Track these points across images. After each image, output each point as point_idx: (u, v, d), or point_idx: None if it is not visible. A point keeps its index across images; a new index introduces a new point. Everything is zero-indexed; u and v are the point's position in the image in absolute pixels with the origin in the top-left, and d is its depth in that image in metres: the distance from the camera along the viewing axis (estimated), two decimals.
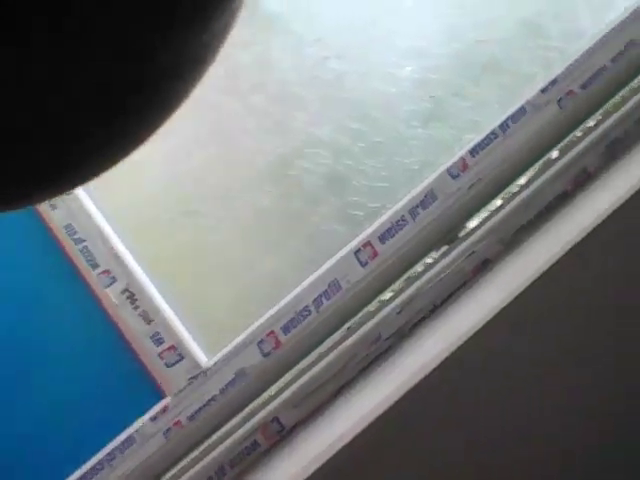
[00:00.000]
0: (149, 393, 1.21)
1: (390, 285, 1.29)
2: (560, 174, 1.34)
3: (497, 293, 1.23)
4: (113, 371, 1.24)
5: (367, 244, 1.30)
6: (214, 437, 1.19)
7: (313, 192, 1.43)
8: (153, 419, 1.19)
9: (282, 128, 1.48)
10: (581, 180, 1.34)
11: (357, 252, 1.30)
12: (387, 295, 1.28)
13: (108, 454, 1.19)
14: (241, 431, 1.18)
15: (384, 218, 1.33)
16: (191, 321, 1.27)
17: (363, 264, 1.29)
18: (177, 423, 1.19)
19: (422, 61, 1.48)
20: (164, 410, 1.20)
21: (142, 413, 1.20)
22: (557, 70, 1.40)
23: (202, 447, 1.19)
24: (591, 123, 1.37)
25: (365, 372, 1.22)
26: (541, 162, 1.36)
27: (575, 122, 1.38)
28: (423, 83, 1.47)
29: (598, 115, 1.38)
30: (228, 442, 1.18)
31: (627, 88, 1.39)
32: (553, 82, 1.39)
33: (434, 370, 1.15)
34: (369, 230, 1.32)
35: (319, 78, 1.50)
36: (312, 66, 1.53)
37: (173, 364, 1.22)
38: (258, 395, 1.21)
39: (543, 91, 1.39)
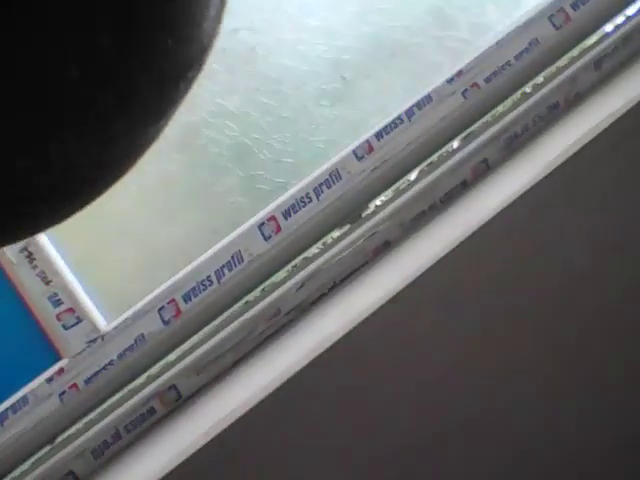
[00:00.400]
0: (45, 354, 1.20)
1: (292, 260, 1.31)
2: (461, 164, 1.38)
3: (396, 275, 1.26)
4: (8, 330, 1.22)
5: (271, 218, 1.32)
6: (111, 401, 1.19)
7: (219, 163, 1.43)
8: (49, 380, 1.18)
9: (191, 97, 1.48)
10: (480, 171, 1.38)
11: (261, 226, 1.31)
12: (289, 270, 1.30)
13: (0, 414, 1.17)
14: (138, 397, 1.19)
15: (289, 194, 1.34)
16: (91, 284, 1.26)
17: (266, 238, 1.30)
18: (73, 386, 1.18)
19: (334, 41, 1.50)
20: (60, 372, 1.19)
21: (37, 374, 1.19)
22: (463, 62, 1.44)
23: (98, 410, 1.19)
24: (493, 116, 1.42)
25: (264, 345, 1.24)
26: (443, 150, 1.40)
27: (478, 114, 1.42)
28: (334, 63, 1.49)
29: (500, 109, 1.43)
30: (125, 407, 1.18)
31: (528, 85, 1.44)
32: (459, 73, 1.43)
33: (331, 347, 1.18)
34: (274, 205, 1.33)
35: (229, 50, 1.50)
36: (221, 37, 1.52)
37: (71, 326, 1.21)
38: (156, 362, 1.22)
39: (449, 81, 1.42)
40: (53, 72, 0.29)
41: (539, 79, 1.44)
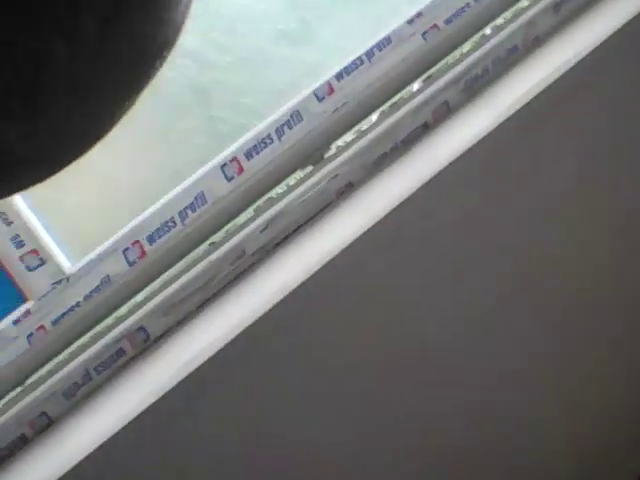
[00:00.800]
0: (10, 296, 1.18)
1: (256, 201, 1.31)
2: (422, 106, 1.39)
3: (359, 216, 1.28)
4: None
5: (234, 159, 1.31)
6: (79, 342, 1.19)
7: (179, 103, 1.41)
8: (15, 323, 1.17)
9: None
10: (441, 113, 1.39)
11: (223, 166, 1.30)
12: (252, 211, 1.30)
13: None
14: (107, 338, 1.19)
15: (250, 135, 1.34)
16: (54, 225, 1.25)
17: (229, 179, 1.30)
18: (41, 327, 1.17)
19: None
20: (27, 314, 1.18)
21: (3, 316, 1.18)
22: (423, 3, 1.44)
23: (67, 352, 1.18)
24: (453, 58, 1.43)
25: (230, 286, 1.25)
26: (404, 92, 1.41)
27: (438, 56, 1.43)
28: (293, 3, 1.48)
29: (460, 51, 1.44)
30: (94, 348, 1.18)
31: (488, 27, 1.45)
32: (419, 14, 1.42)
33: (297, 288, 1.19)
34: (236, 145, 1.33)
35: None
36: None
37: (35, 268, 1.19)
38: (123, 303, 1.21)
39: (409, 22, 1.42)
40: (44, 52, 0.32)
41: (499, 21, 1.45)
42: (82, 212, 1.31)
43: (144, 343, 1.20)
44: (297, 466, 1.30)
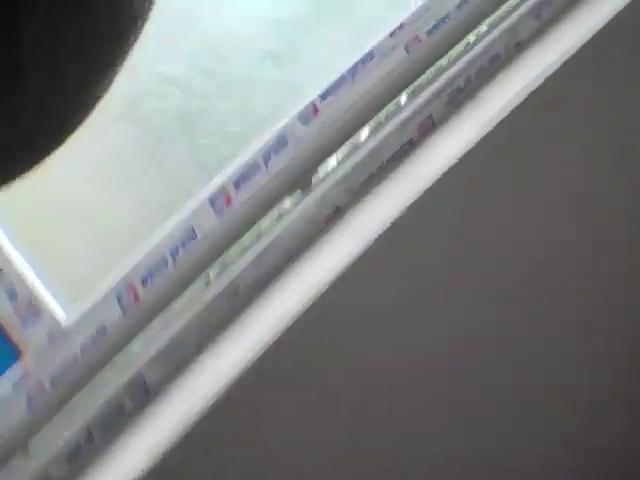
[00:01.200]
0: (4, 352, 1.19)
1: (245, 234, 1.31)
2: (407, 121, 1.38)
3: (348, 241, 1.28)
4: None
5: (222, 190, 1.31)
6: (78, 401, 1.19)
7: (165, 133, 1.41)
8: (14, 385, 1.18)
9: (131, 64, 1.44)
10: (426, 128, 1.38)
11: (212, 199, 1.30)
12: (243, 245, 1.30)
13: None
14: (106, 392, 1.19)
15: (237, 163, 1.33)
16: (45, 270, 1.25)
17: (218, 211, 1.30)
18: (38, 386, 1.18)
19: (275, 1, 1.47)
20: (24, 375, 1.18)
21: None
22: (404, 14, 1.42)
23: (67, 413, 1.18)
24: (437, 70, 1.41)
25: (227, 324, 1.25)
26: (388, 107, 1.40)
27: (421, 69, 1.41)
28: (276, 22, 1.47)
29: (443, 62, 1.42)
30: (93, 406, 1.19)
31: (471, 35, 1.43)
32: (400, 27, 1.41)
33: (293, 324, 1.20)
34: (223, 176, 1.32)
35: (168, 13, 1.46)
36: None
37: (30, 322, 1.20)
38: (119, 352, 1.22)
39: (391, 35, 1.41)
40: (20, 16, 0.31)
41: (482, 28, 1.43)
42: (71, 252, 1.31)
43: (144, 394, 1.21)
44: None
